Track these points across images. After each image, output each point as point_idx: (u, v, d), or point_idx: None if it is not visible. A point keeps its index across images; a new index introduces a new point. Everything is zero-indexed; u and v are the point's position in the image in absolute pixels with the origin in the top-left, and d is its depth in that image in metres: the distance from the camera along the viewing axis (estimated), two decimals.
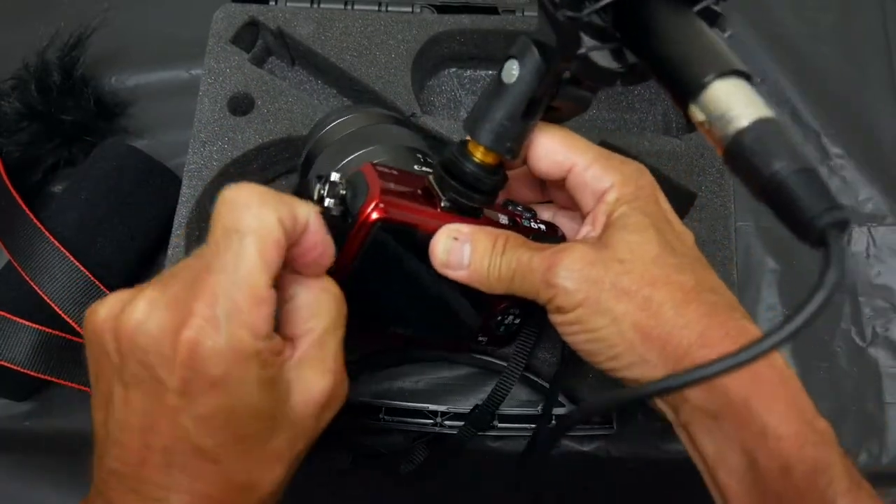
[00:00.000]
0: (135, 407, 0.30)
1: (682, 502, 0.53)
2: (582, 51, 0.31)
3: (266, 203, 0.30)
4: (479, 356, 0.51)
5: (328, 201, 0.36)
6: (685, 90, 0.28)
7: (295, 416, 0.32)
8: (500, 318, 0.43)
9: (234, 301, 0.29)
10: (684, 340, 0.33)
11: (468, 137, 0.38)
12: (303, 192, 0.36)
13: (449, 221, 0.37)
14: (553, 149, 0.38)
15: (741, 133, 0.27)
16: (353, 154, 0.45)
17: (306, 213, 0.32)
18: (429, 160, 0.45)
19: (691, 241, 0.38)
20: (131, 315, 0.29)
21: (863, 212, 0.60)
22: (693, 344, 0.33)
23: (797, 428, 0.32)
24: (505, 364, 0.48)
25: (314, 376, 0.32)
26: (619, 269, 0.35)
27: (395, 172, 0.37)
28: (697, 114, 0.28)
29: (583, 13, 0.31)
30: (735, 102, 0.28)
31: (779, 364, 0.34)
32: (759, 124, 0.27)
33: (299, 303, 0.33)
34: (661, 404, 0.37)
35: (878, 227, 0.60)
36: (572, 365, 0.47)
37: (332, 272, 0.35)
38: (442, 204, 0.38)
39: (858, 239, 0.60)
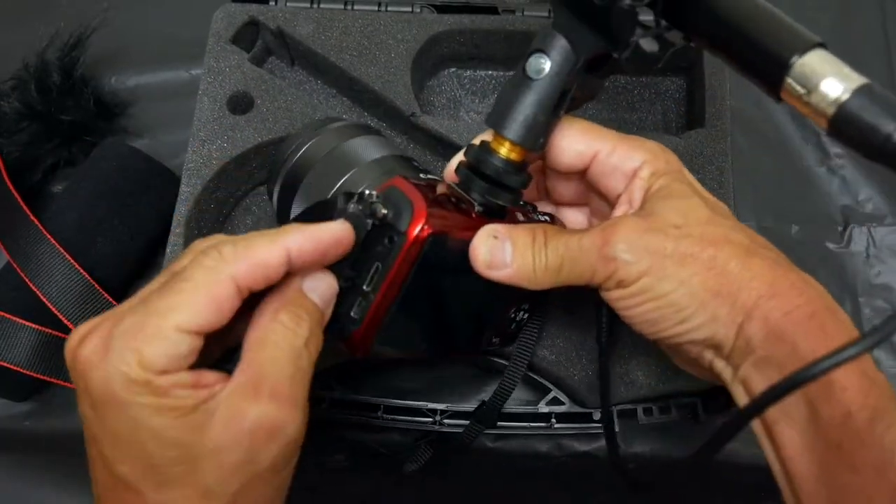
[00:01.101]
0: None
1: (683, 502, 0.53)
2: (634, 38, 0.32)
3: (224, 256, 0.31)
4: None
5: (368, 221, 0.35)
6: (775, 68, 0.29)
7: (218, 447, 0.30)
8: (512, 314, 0.43)
9: (130, 332, 0.30)
10: (753, 292, 0.34)
11: (491, 136, 0.37)
12: (301, 215, 0.36)
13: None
14: (576, 139, 0.39)
15: (846, 103, 0.28)
16: (347, 173, 0.44)
17: (278, 254, 0.32)
18: (417, 165, 0.45)
19: (727, 208, 0.39)
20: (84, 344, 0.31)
21: (863, 212, 0.60)
22: (763, 295, 0.34)
23: (860, 379, 0.32)
24: (504, 362, 0.48)
25: (243, 404, 0.30)
26: (677, 234, 0.35)
27: (422, 184, 0.36)
28: (796, 88, 0.29)
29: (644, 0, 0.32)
30: (831, 73, 0.28)
31: (842, 317, 0.34)
32: (861, 91, 0.28)
33: (249, 336, 0.32)
34: (717, 361, 0.36)
35: (878, 228, 0.60)
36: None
37: (380, 296, 0.34)
38: (476, 209, 0.37)
39: (858, 239, 0.60)
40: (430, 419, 0.50)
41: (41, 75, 0.58)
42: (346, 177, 0.44)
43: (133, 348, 0.29)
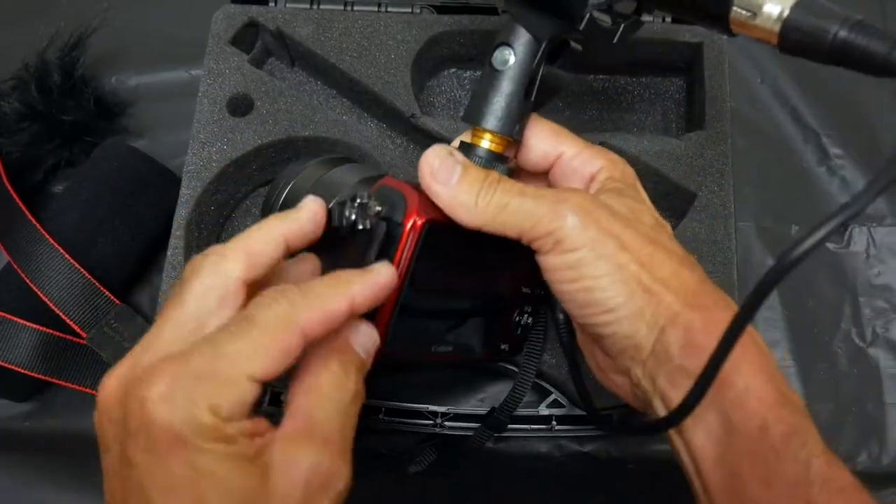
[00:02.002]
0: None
1: (683, 502, 0.53)
2: (586, 10, 0.35)
3: (294, 304, 0.31)
4: None
5: (365, 222, 0.35)
6: (720, 3, 0.31)
7: (277, 496, 0.29)
8: (517, 318, 0.43)
9: (202, 376, 0.29)
10: (680, 300, 0.34)
11: (469, 135, 0.39)
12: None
13: None
14: (543, 139, 0.40)
15: (789, 17, 0.30)
16: (336, 196, 0.45)
17: (344, 305, 0.32)
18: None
19: (670, 228, 0.40)
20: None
21: (862, 212, 0.60)
22: (688, 305, 0.34)
23: (775, 393, 0.33)
24: (514, 368, 0.48)
25: (297, 451, 0.30)
26: (623, 223, 0.36)
27: (411, 183, 0.37)
28: (742, 14, 0.31)
29: None
30: None
31: (757, 338, 0.35)
32: (800, 3, 0.30)
33: (297, 382, 0.32)
34: (635, 368, 0.36)
35: (878, 228, 0.60)
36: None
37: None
38: None
39: (858, 239, 0.60)
40: (431, 422, 0.50)
41: (41, 75, 0.58)
42: (335, 200, 0.45)
43: (206, 394, 0.28)
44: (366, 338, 0.35)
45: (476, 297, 0.41)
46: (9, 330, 0.51)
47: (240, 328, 0.30)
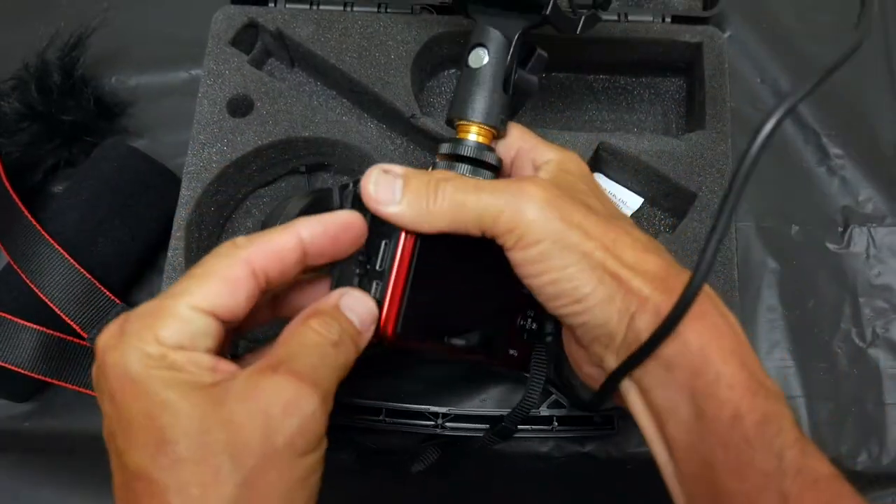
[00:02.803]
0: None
1: None
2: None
3: (238, 243, 0.32)
4: None
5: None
6: None
7: (231, 419, 0.29)
8: (521, 322, 0.43)
9: (144, 314, 0.30)
10: (648, 285, 0.34)
11: (456, 130, 0.42)
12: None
13: None
14: (509, 134, 0.43)
15: None
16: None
17: (290, 238, 0.33)
18: None
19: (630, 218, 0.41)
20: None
21: (863, 212, 0.60)
22: (656, 289, 0.34)
23: (748, 379, 0.32)
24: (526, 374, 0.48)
25: (260, 379, 0.30)
26: (585, 212, 0.35)
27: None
28: None
29: None
30: None
31: (731, 319, 0.35)
32: None
33: (278, 339, 0.33)
34: (608, 357, 0.36)
35: (878, 228, 0.60)
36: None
37: (394, 270, 0.35)
38: None
39: (858, 239, 0.60)
40: (433, 422, 0.50)
41: (41, 75, 0.58)
42: (338, 184, 0.46)
43: (148, 326, 0.30)
44: (357, 301, 0.35)
45: (479, 284, 0.41)
46: (9, 330, 0.51)
47: (188, 273, 0.31)
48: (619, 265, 0.34)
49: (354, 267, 0.36)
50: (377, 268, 0.36)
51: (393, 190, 0.35)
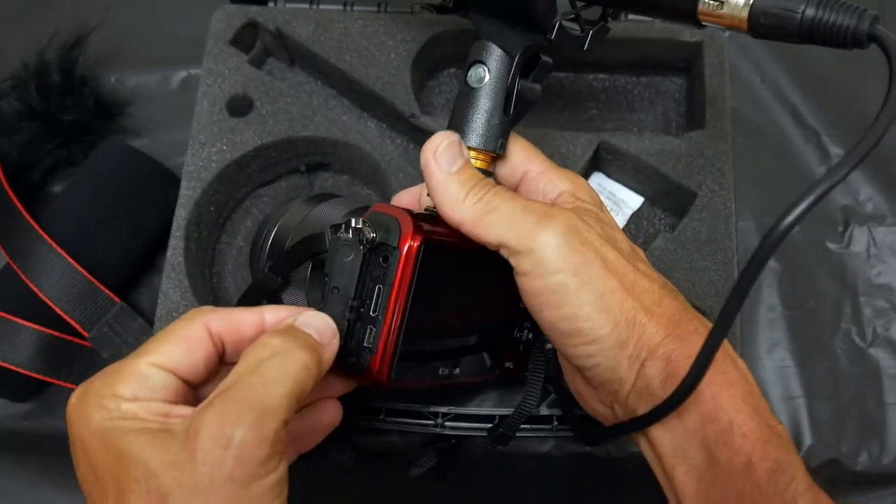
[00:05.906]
0: None
1: None
2: (556, 19, 0.36)
3: (202, 310, 0.34)
4: None
5: (360, 247, 0.35)
6: None
7: (181, 468, 0.29)
8: (517, 334, 0.43)
9: (107, 373, 0.32)
10: (661, 331, 0.34)
11: None
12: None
13: None
14: (514, 153, 0.40)
15: (756, 0, 0.30)
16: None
17: (253, 316, 0.35)
18: None
19: (643, 252, 0.39)
20: None
21: (863, 212, 0.60)
22: (669, 335, 0.34)
23: (760, 427, 0.32)
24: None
25: (203, 416, 0.29)
26: (608, 247, 0.35)
27: (399, 207, 0.37)
28: (709, 5, 0.32)
29: None
30: None
31: (741, 365, 0.35)
32: None
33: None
34: (623, 411, 0.36)
35: (878, 228, 0.60)
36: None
37: (388, 317, 0.35)
38: None
39: (859, 239, 0.59)
40: (432, 422, 0.50)
41: (41, 75, 0.58)
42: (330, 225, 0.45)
43: (109, 384, 0.31)
44: (318, 321, 0.34)
45: (476, 314, 0.41)
46: (9, 330, 0.51)
47: (156, 335, 0.34)
48: (638, 308, 0.34)
49: (344, 310, 0.36)
50: (371, 313, 0.35)
51: (454, 161, 0.36)
